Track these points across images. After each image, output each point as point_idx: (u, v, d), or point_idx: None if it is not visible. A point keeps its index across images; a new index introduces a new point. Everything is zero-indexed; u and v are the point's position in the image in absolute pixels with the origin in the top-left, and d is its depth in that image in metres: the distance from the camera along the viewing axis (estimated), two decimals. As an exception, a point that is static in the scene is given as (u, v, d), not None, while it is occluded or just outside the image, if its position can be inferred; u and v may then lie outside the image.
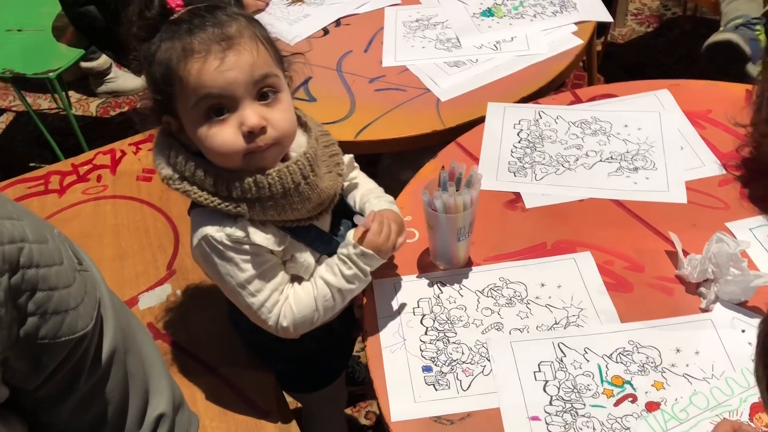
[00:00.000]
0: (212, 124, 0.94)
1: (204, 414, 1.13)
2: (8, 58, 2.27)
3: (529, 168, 1.34)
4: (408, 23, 1.82)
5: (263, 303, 1.01)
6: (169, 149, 0.99)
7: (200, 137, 0.95)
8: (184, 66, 0.92)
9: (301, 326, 1.05)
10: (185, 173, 0.97)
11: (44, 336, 0.67)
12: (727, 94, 1.45)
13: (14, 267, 0.63)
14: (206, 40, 0.92)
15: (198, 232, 0.99)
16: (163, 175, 0.99)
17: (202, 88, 0.92)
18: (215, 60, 0.92)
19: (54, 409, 0.73)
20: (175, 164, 0.98)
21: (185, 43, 0.92)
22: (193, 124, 0.95)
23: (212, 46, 0.92)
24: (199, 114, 0.94)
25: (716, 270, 1.06)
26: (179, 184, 0.98)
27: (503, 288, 1.13)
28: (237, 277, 0.99)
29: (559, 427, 0.95)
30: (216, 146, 0.94)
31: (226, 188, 0.96)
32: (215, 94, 0.92)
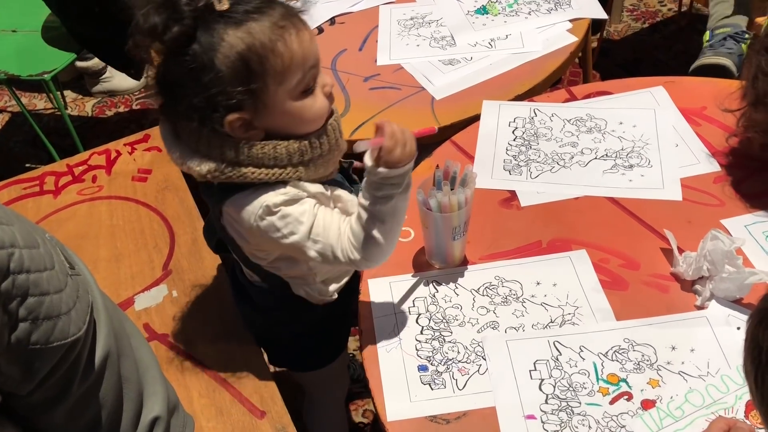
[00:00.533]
0: (308, 95, 0.98)
1: (200, 414, 1.13)
2: (2, 60, 2.26)
3: (524, 166, 1.34)
4: (403, 21, 1.81)
5: (327, 242, 1.01)
6: (221, 148, 0.97)
7: (296, 112, 0.98)
8: (282, 43, 0.93)
9: (370, 253, 1.01)
10: (241, 158, 0.97)
11: (36, 341, 0.66)
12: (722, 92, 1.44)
13: (4, 272, 0.63)
14: (285, 15, 0.95)
15: (254, 205, 0.99)
16: (205, 171, 0.97)
17: (306, 59, 0.96)
18: (304, 31, 0.96)
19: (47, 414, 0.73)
20: (224, 157, 0.97)
21: (270, 22, 0.93)
22: (287, 102, 0.97)
23: (293, 19, 0.95)
24: (300, 87, 0.97)
25: (711, 267, 1.06)
26: (231, 171, 0.97)
27: (499, 287, 1.13)
28: (298, 230, 1.00)
29: (554, 425, 0.95)
30: (315, 112, 1.00)
31: (299, 155, 0.99)
32: (315, 63, 0.98)
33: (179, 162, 1.00)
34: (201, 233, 1.43)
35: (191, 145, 0.99)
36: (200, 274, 1.36)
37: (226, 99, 0.93)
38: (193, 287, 1.34)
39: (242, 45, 0.92)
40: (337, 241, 1.01)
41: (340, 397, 1.52)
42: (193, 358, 1.22)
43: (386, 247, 1.01)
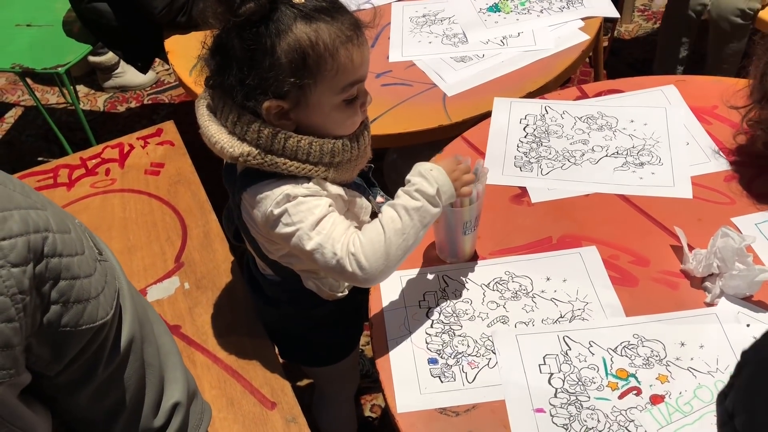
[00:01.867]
0: (348, 105, 1.01)
1: (211, 405, 1.13)
2: (17, 53, 2.29)
3: (535, 163, 1.34)
4: (415, 18, 1.82)
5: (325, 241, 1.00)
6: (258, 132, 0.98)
7: (333, 116, 1.00)
8: (345, 51, 0.95)
9: (374, 258, 0.99)
10: (275, 147, 0.98)
11: (66, 324, 0.68)
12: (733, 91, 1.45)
13: (39, 256, 0.64)
14: (353, 24, 0.97)
15: (275, 192, 1.00)
16: (239, 153, 0.99)
17: (357, 72, 0.99)
18: (364, 45, 0.98)
19: (73, 395, 0.75)
20: (258, 142, 0.98)
21: (338, 27, 0.95)
22: (327, 105, 0.99)
23: (358, 31, 0.97)
24: (343, 96, 0.99)
25: (721, 265, 1.06)
26: (262, 157, 0.99)
27: (509, 282, 1.14)
28: (307, 219, 1.00)
29: (563, 419, 0.95)
30: (349, 123, 1.03)
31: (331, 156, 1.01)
32: (364, 78, 1.00)
33: (212, 141, 1.01)
34: (213, 226, 1.44)
35: (228, 126, 1.00)
36: (212, 267, 1.37)
37: (274, 85, 0.95)
38: (204, 279, 1.35)
39: (307, 40, 0.93)
40: (341, 236, 1.00)
41: (350, 394, 1.53)
42: (204, 350, 1.23)
43: (389, 259, 1.00)
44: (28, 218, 0.64)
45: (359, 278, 1.01)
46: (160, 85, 3.10)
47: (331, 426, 1.52)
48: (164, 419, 0.84)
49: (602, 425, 0.94)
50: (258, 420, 1.13)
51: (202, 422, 0.90)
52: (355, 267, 0.99)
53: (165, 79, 3.13)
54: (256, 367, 1.20)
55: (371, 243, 1.00)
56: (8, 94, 3.16)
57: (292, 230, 1.00)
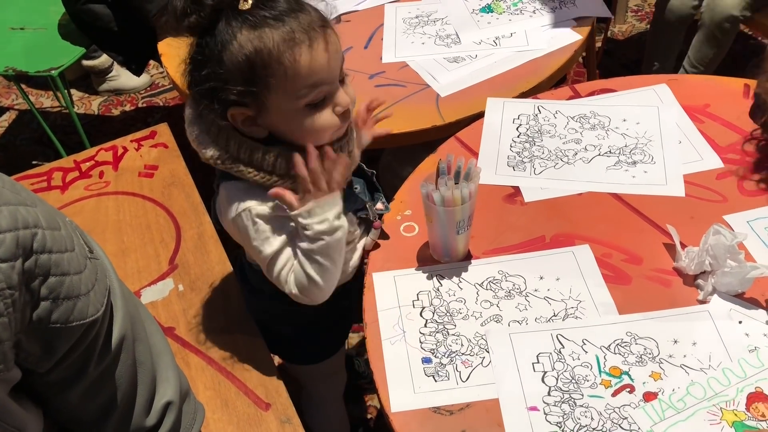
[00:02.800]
0: (313, 109, 0.98)
1: (206, 406, 1.13)
2: (11, 57, 2.29)
3: (528, 162, 1.35)
4: (408, 19, 1.82)
5: (280, 272, 1.06)
6: (227, 140, 1.00)
7: (298, 122, 0.99)
8: (290, 55, 0.93)
9: (306, 291, 1.06)
10: (241, 156, 1.00)
11: (56, 320, 0.68)
12: (725, 89, 1.46)
13: (28, 252, 0.64)
14: (305, 26, 0.94)
15: (239, 205, 1.03)
16: (209, 156, 1.01)
17: (312, 75, 0.96)
18: (320, 47, 0.95)
19: (64, 393, 0.75)
20: (228, 148, 1.00)
21: (284, 31, 0.93)
22: (290, 111, 0.98)
23: (311, 33, 0.94)
24: (303, 101, 0.97)
25: (713, 262, 1.07)
26: (230, 163, 1.00)
27: (502, 281, 1.14)
28: (264, 248, 1.05)
29: (557, 417, 0.96)
30: (317, 128, 1.00)
31: (282, 168, 1.01)
32: (325, 80, 0.97)
33: (191, 140, 1.03)
34: (207, 228, 1.44)
35: (203, 127, 1.02)
36: (206, 269, 1.37)
37: (227, 93, 0.95)
38: (198, 281, 1.35)
39: (250, 47, 0.93)
40: (287, 272, 1.06)
41: (337, 393, 1.53)
42: (198, 351, 1.23)
43: (321, 289, 1.06)
44: (17, 214, 0.64)
45: (299, 300, 1.09)
46: (155, 88, 3.10)
47: (322, 427, 1.52)
48: (156, 418, 0.84)
49: (596, 423, 0.94)
50: (252, 421, 1.13)
51: (195, 422, 0.90)
52: (306, 301, 1.09)
53: (159, 82, 3.13)
54: (251, 369, 1.20)
55: (300, 283, 1.06)
56: (2, 98, 3.16)
57: (250, 244, 1.05)
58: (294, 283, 1.06)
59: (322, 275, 1.05)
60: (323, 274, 1.05)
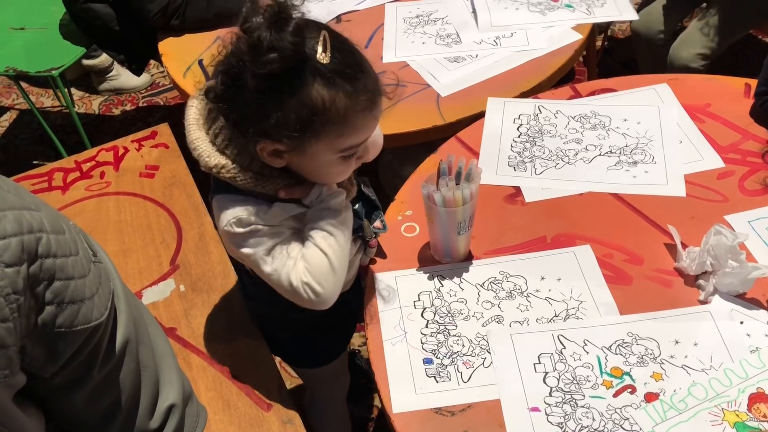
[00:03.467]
0: (344, 159, 0.99)
1: (207, 407, 1.13)
2: (11, 56, 2.29)
3: (528, 162, 1.35)
4: (408, 19, 1.82)
5: (281, 269, 1.02)
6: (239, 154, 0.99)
7: (327, 168, 0.99)
8: (354, 119, 0.93)
9: (323, 278, 1.02)
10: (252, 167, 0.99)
11: (61, 325, 0.68)
12: (726, 89, 1.46)
13: (33, 256, 0.64)
14: (371, 92, 0.95)
15: (228, 213, 1.01)
16: (212, 164, 0.99)
17: (362, 137, 0.98)
18: (376, 113, 0.97)
19: (68, 397, 0.75)
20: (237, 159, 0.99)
21: (354, 96, 0.92)
22: (324, 159, 0.97)
23: (374, 100, 0.96)
24: (341, 154, 0.97)
25: (715, 262, 1.07)
26: (236, 172, 0.99)
27: (503, 281, 1.14)
28: (258, 252, 1.02)
29: (558, 417, 0.96)
30: (342, 174, 1.02)
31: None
32: (366, 139, 0.99)
33: (192, 146, 1.01)
34: (208, 228, 1.44)
35: (210, 135, 1.00)
36: (207, 269, 1.37)
37: (275, 134, 0.93)
38: (200, 282, 1.35)
39: (320, 103, 0.91)
40: (293, 268, 1.02)
41: (341, 394, 1.53)
42: (200, 352, 1.23)
43: (336, 274, 1.03)
44: (21, 219, 0.64)
45: (315, 303, 1.04)
46: (155, 88, 3.10)
47: (326, 427, 1.52)
48: (160, 421, 0.84)
49: (597, 423, 0.94)
50: (254, 422, 1.13)
51: (198, 424, 0.90)
52: (311, 295, 1.03)
53: (160, 81, 3.13)
54: (252, 369, 1.20)
55: (318, 269, 1.02)
56: (3, 98, 3.16)
57: (247, 253, 1.02)
58: (304, 270, 1.02)
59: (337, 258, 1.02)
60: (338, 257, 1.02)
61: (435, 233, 1.15)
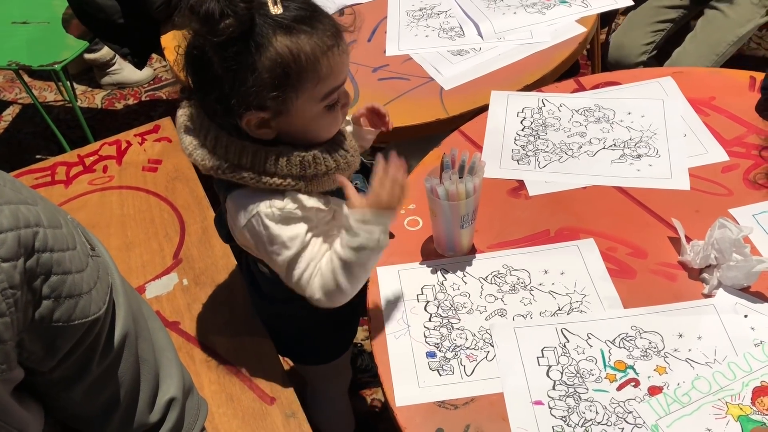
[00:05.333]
0: (329, 110, 1.00)
1: (211, 401, 1.14)
2: (14, 50, 2.29)
3: (532, 156, 1.34)
4: (411, 12, 1.82)
5: (301, 275, 1.03)
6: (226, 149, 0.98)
7: (315, 123, 0.99)
8: (325, 60, 0.94)
9: (333, 297, 1.04)
10: (242, 163, 0.98)
11: (58, 319, 0.68)
12: (730, 82, 1.45)
13: (29, 251, 0.64)
14: (331, 30, 0.95)
15: (248, 210, 1.01)
16: (209, 166, 0.99)
17: (338, 78, 0.98)
18: (343, 52, 0.96)
19: (67, 391, 0.75)
20: (227, 157, 0.98)
21: (317, 36, 0.93)
22: (310, 113, 0.97)
23: (338, 39, 0.96)
24: (324, 103, 0.98)
25: (719, 256, 1.06)
26: (231, 172, 0.99)
27: (507, 275, 1.14)
28: (282, 253, 1.02)
29: (562, 411, 0.95)
30: (332, 127, 1.02)
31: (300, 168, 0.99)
32: (344, 82, 0.99)
33: (187, 152, 1.02)
34: (211, 222, 1.44)
35: (200, 138, 1.00)
36: (210, 263, 1.37)
37: (256, 100, 0.93)
38: (203, 275, 1.35)
39: (287, 54, 0.91)
40: (314, 278, 1.03)
41: (344, 389, 1.53)
42: (203, 346, 1.24)
43: (347, 294, 1.04)
44: (18, 213, 0.64)
45: (320, 305, 1.05)
46: (158, 82, 3.09)
47: (328, 422, 1.52)
48: (160, 415, 0.84)
49: (600, 417, 0.94)
50: (257, 415, 1.13)
51: (199, 418, 0.90)
52: (325, 304, 1.05)
53: (162, 75, 3.13)
54: (255, 363, 1.20)
55: (328, 289, 1.03)
56: (6, 92, 3.16)
57: (267, 254, 1.03)
58: (319, 287, 1.03)
59: (353, 284, 1.03)
60: (354, 284, 1.03)
61: (438, 227, 1.15)
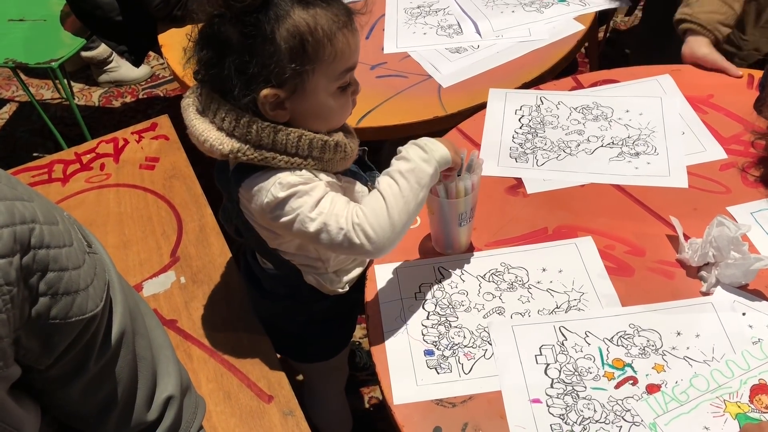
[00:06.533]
0: (341, 93, 1.01)
1: (208, 399, 1.14)
2: (10, 48, 2.28)
3: (530, 154, 1.34)
4: (409, 10, 1.81)
5: (329, 217, 0.99)
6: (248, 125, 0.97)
7: (329, 105, 1.00)
8: (341, 35, 0.95)
9: (377, 222, 0.98)
10: (263, 142, 0.98)
11: (55, 316, 0.67)
12: (728, 80, 1.45)
13: (25, 247, 0.64)
14: (347, 11, 0.97)
15: (269, 182, 0.99)
16: (227, 150, 0.98)
17: (353, 57, 0.99)
18: (357, 32, 0.98)
19: (64, 389, 0.74)
20: (248, 136, 0.97)
21: (333, 12, 0.95)
22: (324, 93, 0.98)
23: (351, 17, 0.98)
24: (338, 83, 0.99)
25: (717, 254, 1.06)
26: (252, 153, 0.98)
27: (505, 273, 1.14)
28: (306, 204, 0.99)
29: (560, 409, 0.95)
30: (344, 111, 1.04)
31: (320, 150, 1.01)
32: (356, 63, 1.00)
33: (201, 139, 1.00)
34: (209, 220, 1.44)
35: (216, 122, 0.99)
36: (208, 261, 1.37)
37: (274, 72, 0.94)
38: (200, 273, 1.35)
39: (306, 26, 0.93)
40: (343, 210, 0.99)
41: (341, 387, 1.53)
42: (201, 344, 1.23)
43: (394, 224, 0.99)
44: (13, 209, 0.63)
45: (368, 250, 0.99)
46: (155, 80, 3.09)
47: (325, 420, 1.52)
48: (157, 413, 0.84)
49: (599, 415, 0.94)
50: (255, 413, 1.13)
51: (196, 416, 0.90)
52: (362, 238, 0.98)
53: (160, 73, 3.12)
54: (253, 361, 1.20)
55: (374, 211, 0.99)
56: (3, 90, 3.15)
57: (292, 217, 0.99)
58: (369, 226, 0.98)
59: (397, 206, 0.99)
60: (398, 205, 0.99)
61: (436, 225, 1.15)
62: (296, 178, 1.00)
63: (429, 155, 1.01)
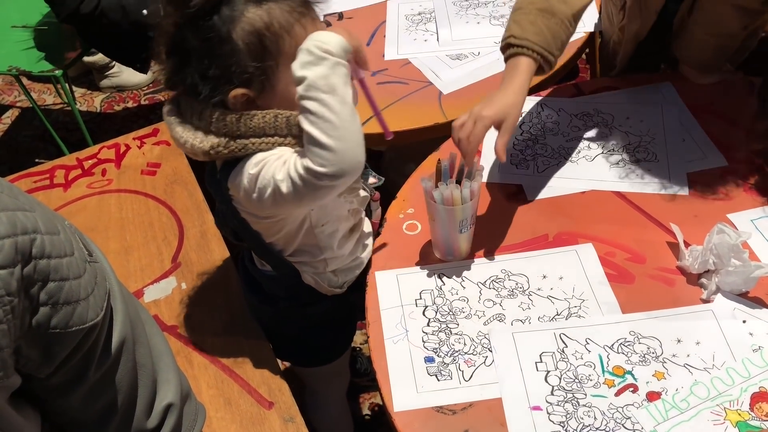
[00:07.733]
0: None
1: (209, 405, 1.14)
2: (13, 55, 2.28)
3: (531, 160, 1.34)
4: (410, 16, 1.82)
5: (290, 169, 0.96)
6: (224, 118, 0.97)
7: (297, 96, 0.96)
8: (300, 27, 0.96)
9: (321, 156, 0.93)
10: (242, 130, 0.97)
11: (55, 326, 0.68)
12: (729, 87, 1.45)
13: (27, 258, 0.64)
14: (304, 2, 0.98)
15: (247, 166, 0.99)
16: (208, 147, 0.98)
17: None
18: (318, 21, 0.98)
19: (65, 397, 0.75)
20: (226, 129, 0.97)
21: (288, 5, 0.96)
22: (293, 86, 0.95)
23: (309, 8, 0.98)
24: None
25: (717, 261, 1.06)
26: (233, 144, 0.98)
27: (505, 280, 1.14)
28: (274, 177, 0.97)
29: (560, 416, 0.95)
30: None
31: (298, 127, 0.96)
32: None
33: (181, 141, 1.01)
34: (210, 226, 1.44)
35: (194, 123, 1.00)
36: (209, 267, 1.37)
37: (237, 72, 0.95)
38: (201, 279, 1.35)
39: (260, 22, 0.94)
40: (291, 159, 0.97)
41: (342, 392, 1.53)
42: (201, 350, 1.23)
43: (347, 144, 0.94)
44: (15, 220, 0.64)
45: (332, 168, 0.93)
46: (157, 85, 3.09)
47: (327, 426, 1.52)
48: (157, 420, 0.84)
49: (599, 422, 0.94)
50: (255, 420, 1.13)
51: (196, 423, 0.90)
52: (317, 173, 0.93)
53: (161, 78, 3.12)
54: (254, 367, 1.20)
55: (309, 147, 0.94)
56: (5, 95, 3.16)
57: (272, 189, 0.97)
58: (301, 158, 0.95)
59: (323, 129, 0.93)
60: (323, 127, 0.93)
61: (436, 231, 1.15)
62: (266, 154, 0.99)
63: (315, 56, 0.92)
